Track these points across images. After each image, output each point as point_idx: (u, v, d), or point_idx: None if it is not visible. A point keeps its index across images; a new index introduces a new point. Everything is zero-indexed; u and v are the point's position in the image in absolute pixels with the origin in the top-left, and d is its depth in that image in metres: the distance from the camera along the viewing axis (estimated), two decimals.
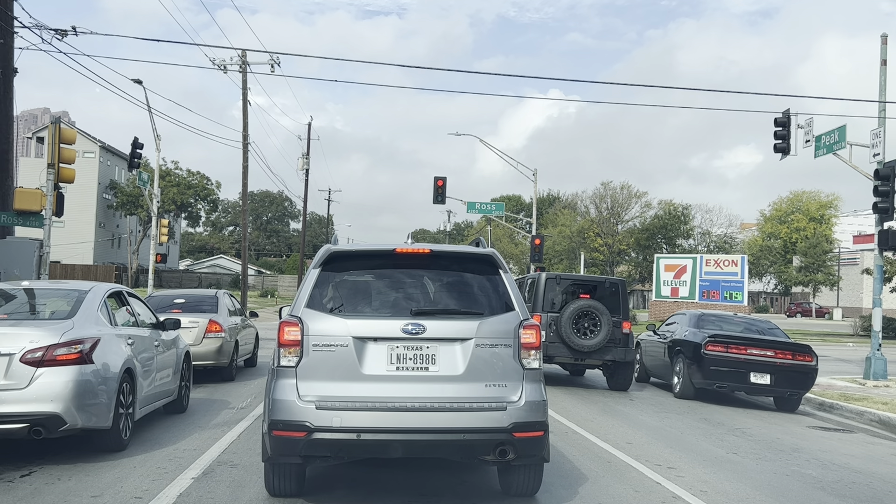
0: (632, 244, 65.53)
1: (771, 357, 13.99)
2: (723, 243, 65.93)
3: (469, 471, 7.32)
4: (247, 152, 34.68)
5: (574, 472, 7.74)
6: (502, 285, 6.18)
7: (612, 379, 15.76)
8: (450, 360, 5.78)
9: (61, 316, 7.80)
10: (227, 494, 6.32)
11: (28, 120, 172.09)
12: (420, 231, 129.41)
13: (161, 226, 31.83)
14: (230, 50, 42.64)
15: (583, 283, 15.97)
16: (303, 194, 60.01)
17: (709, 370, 14.04)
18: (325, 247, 6.37)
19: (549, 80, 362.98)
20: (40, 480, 6.60)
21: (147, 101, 28.80)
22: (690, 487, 7.34)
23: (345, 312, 5.89)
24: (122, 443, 7.87)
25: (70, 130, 17.43)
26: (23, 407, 6.89)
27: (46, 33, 18.66)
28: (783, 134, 21.24)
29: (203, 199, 78.26)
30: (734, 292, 44.38)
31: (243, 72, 34.02)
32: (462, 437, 5.61)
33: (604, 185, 68.06)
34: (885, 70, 19.38)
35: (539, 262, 35.14)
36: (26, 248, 16.07)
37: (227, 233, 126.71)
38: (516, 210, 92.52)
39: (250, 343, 16.58)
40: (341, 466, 6.90)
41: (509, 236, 78.52)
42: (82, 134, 66.60)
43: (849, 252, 78.58)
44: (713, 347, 14.08)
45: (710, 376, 14.07)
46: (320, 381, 5.66)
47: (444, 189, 35.28)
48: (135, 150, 27.86)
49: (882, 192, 18.18)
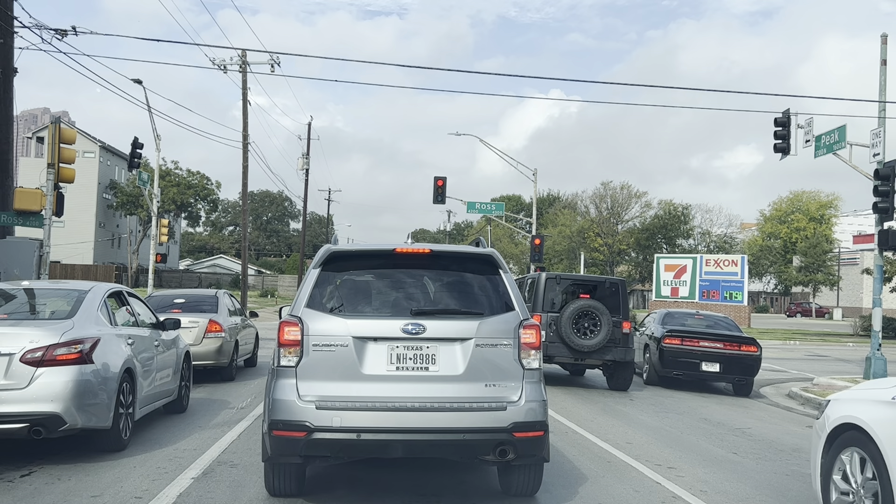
0: (632, 244, 65.56)
1: (720, 348, 16.17)
2: (723, 243, 65.96)
3: (469, 471, 7.32)
4: (247, 152, 34.69)
5: (574, 472, 7.74)
6: (502, 285, 6.18)
7: (612, 379, 15.76)
8: (450, 360, 5.78)
9: (61, 316, 7.80)
10: (227, 494, 6.32)
11: (28, 120, 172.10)
12: (420, 231, 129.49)
13: (161, 226, 31.82)
14: (230, 50, 42.71)
15: (583, 283, 15.97)
16: (303, 194, 60.05)
17: (667, 360, 16.36)
18: (325, 247, 6.36)
19: (549, 81, 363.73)
20: (40, 480, 6.60)
21: (147, 101, 28.82)
22: (690, 487, 7.34)
23: (345, 312, 5.89)
24: (122, 443, 7.87)
25: (70, 130, 17.43)
26: (23, 407, 6.89)
27: (46, 33, 18.67)
28: (783, 134, 21.24)
29: (203, 199, 78.26)
30: (734, 292, 44.36)
31: (243, 72, 34.02)
32: (462, 437, 5.61)
33: (604, 185, 68.18)
34: (884, 70, 19.38)
35: (539, 262, 35.14)
36: (26, 248, 16.07)
37: (227, 233, 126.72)
38: (516, 210, 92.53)
39: (250, 343, 16.58)
40: (341, 466, 6.90)
41: (509, 236, 78.55)
42: (82, 134, 66.64)
43: (849, 252, 78.56)
44: (670, 341, 16.42)
45: (668, 365, 16.31)
46: (320, 380, 5.66)
47: (444, 189, 35.29)
48: (135, 150, 27.85)
49: (882, 192, 18.18)
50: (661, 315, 18.26)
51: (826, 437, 5.81)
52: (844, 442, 5.62)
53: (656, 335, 16.90)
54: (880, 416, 5.25)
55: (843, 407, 5.78)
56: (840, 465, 5.60)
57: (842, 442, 5.65)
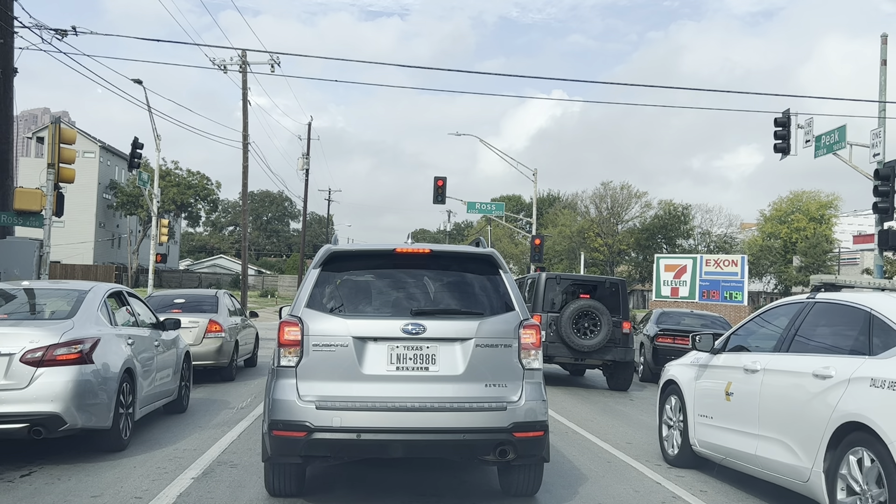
0: (632, 244, 65.57)
1: None
2: (723, 243, 65.95)
3: (469, 471, 7.32)
4: (247, 152, 34.70)
5: (574, 472, 7.74)
6: (502, 285, 6.18)
7: (612, 379, 15.77)
8: (450, 360, 5.78)
9: (61, 316, 7.80)
10: (227, 494, 6.32)
11: (28, 120, 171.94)
12: (420, 231, 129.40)
13: (161, 226, 31.83)
14: (231, 50, 42.71)
15: (583, 283, 15.98)
16: (303, 194, 60.04)
17: (659, 357, 17.06)
18: (325, 247, 6.36)
19: (551, 81, 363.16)
20: (40, 480, 6.60)
21: (147, 102, 28.84)
22: (690, 487, 7.34)
23: (345, 312, 5.89)
24: (122, 443, 7.87)
25: (70, 130, 17.43)
26: (23, 407, 6.89)
27: (46, 33, 18.70)
28: (783, 134, 21.25)
29: (203, 199, 78.25)
30: (734, 292, 44.37)
31: (243, 72, 34.03)
32: (462, 437, 5.61)
33: (604, 185, 68.21)
34: (885, 70, 19.40)
35: (539, 262, 35.15)
36: (26, 248, 16.07)
37: (227, 233, 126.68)
38: (516, 210, 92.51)
39: (250, 343, 16.58)
40: (341, 466, 6.90)
41: (509, 236, 78.52)
42: (82, 134, 66.61)
43: (849, 252, 78.48)
44: (662, 339, 17.51)
45: (660, 362, 16.52)
46: (320, 381, 5.66)
47: (444, 189, 35.31)
48: (135, 150, 27.87)
49: (882, 192, 18.19)
50: (657, 314, 19.32)
51: (660, 389, 8.98)
52: (668, 391, 8.71)
53: (650, 334, 17.94)
54: (684, 374, 8.35)
55: (671, 370, 8.80)
56: (668, 405, 8.69)
57: (667, 391, 8.75)
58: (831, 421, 5.61)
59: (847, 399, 5.52)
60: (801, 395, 6.09)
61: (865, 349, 5.75)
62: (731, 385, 7.27)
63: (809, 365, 6.12)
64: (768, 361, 6.76)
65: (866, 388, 5.39)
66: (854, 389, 5.50)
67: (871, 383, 5.37)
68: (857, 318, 6.02)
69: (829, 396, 5.72)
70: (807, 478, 5.89)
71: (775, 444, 6.37)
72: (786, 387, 6.39)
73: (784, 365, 6.54)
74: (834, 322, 6.43)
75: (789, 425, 6.21)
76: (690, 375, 8.17)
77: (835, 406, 5.62)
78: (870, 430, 5.19)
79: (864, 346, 5.77)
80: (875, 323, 5.77)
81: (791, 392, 6.28)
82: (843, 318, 6.27)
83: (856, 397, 5.45)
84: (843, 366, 5.75)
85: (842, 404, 5.55)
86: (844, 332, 6.17)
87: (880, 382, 5.29)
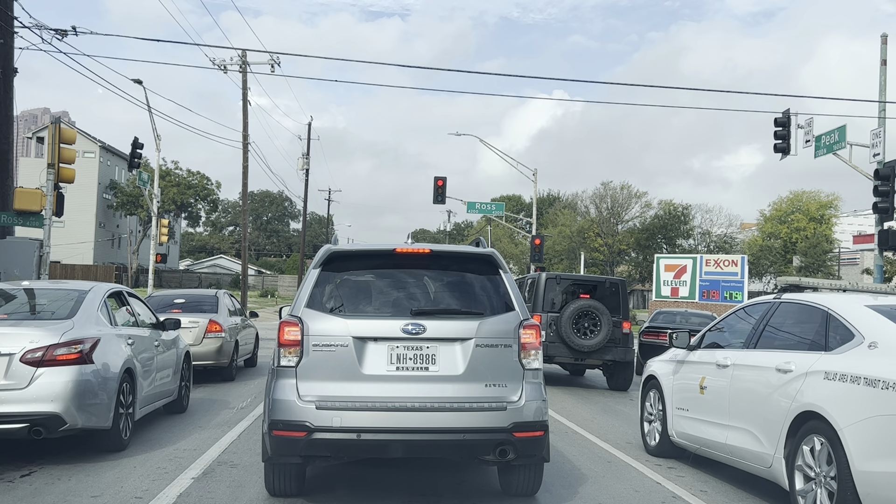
0: (632, 244, 65.54)
1: None
2: (723, 243, 65.94)
3: (469, 471, 7.32)
4: (247, 152, 34.70)
5: (574, 472, 7.74)
6: (502, 285, 6.18)
7: (612, 379, 15.77)
8: (450, 360, 5.78)
9: (61, 316, 7.80)
10: (227, 494, 6.32)
11: (28, 120, 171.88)
12: (420, 231, 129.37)
13: (161, 226, 31.83)
14: (231, 50, 42.71)
15: (583, 283, 15.98)
16: (303, 194, 60.05)
17: (646, 353, 17.65)
18: (325, 247, 6.36)
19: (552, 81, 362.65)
20: (40, 480, 6.60)
21: (147, 102, 28.84)
22: (690, 487, 7.34)
23: (345, 312, 5.89)
24: (122, 443, 7.87)
25: (70, 130, 17.44)
26: (23, 407, 6.89)
27: (46, 33, 18.70)
28: (783, 134, 21.25)
29: (203, 199, 78.26)
30: (734, 292, 44.34)
31: (243, 72, 34.04)
32: (462, 436, 5.61)
33: (604, 185, 68.16)
34: (885, 70, 19.41)
35: (539, 262, 35.16)
36: (26, 248, 16.08)
37: (227, 233, 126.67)
38: (516, 210, 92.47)
39: (250, 343, 16.59)
40: (341, 466, 6.90)
41: (509, 236, 78.48)
42: (82, 134, 66.61)
43: (849, 252, 78.49)
44: (647, 336, 18.83)
45: (646, 357, 17.53)
46: (320, 381, 5.66)
47: (444, 189, 35.32)
48: (135, 150, 27.87)
49: (882, 192, 18.20)
50: (653, 314, 21.06)
51: (642, 383, 9.51)
52: (649, 386, 9.23)
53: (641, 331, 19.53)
54: (663, 369, 8.87)
55: (652, 365, 9.33)
56: (649, 399, 9.19)
57: (648, 386, 9.26)
58: (790, 411, 6.12)
59: (804, 391, 6.02)
60: (765, 388, 6.62)
61: (822, 345, 6.24)
62: (704, 379, 7.79)
63: (773, 360, 6.62)
64: (738, 357, 7.30)
65: (821, 381, 5.88)
66: (811, 382, 5.99)
67: (825, 376, 5.85)
68: (816, 316, 6.53)
69: (789, 388, 6.25)
70: (769, 464, 6.41)
71: (743, 433, 6.89)
72: (752, 380, 6.92)
73: (751, 360, 7.07)
74: (796, 320, 6.93)
75: (755, 416, 6.72)
76: (669, 370, 8.71)
77: (794, 397, 6.12)
78: (822, 418, 5.70)
79: (821, 343, 6.27)
80: (831, 321, 6.27)
81: (757, 385, 6.81)
82: (804, 316, 6.77)
83: (812, 389, 5.95)
84: (801, 361, 6.25)
85: (800, 396, 6.06)
86: (805, 329, 6.67)
87: (832, 375, 5.77)
